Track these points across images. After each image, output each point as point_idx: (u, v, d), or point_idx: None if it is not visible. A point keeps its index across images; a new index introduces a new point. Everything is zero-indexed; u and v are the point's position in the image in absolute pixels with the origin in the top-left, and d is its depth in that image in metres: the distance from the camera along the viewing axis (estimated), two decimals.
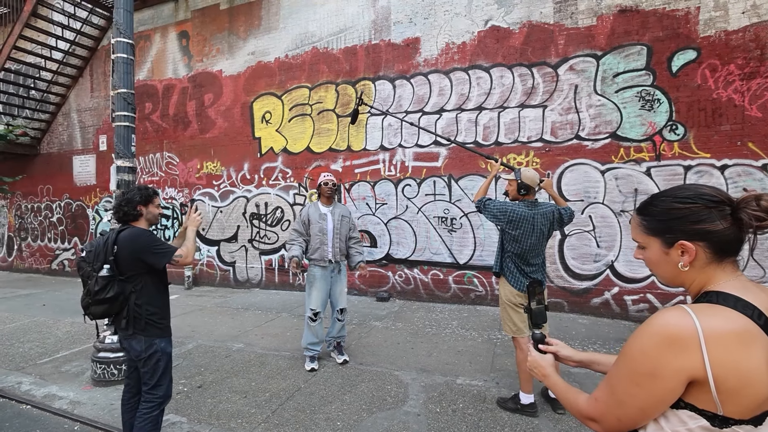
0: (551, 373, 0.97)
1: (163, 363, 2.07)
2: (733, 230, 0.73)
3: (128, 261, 1.97)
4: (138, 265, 1.99)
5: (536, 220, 2.54)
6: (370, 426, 2.46)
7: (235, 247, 6.76)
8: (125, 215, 2.07)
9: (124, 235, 2.00)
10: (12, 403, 2.89)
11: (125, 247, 1.96)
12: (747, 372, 0.64)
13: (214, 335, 4.22)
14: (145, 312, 2.01)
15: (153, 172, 7.43)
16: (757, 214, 0.72)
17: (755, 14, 4.10)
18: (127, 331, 2.00)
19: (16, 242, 9.07)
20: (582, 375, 3.02)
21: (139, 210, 2.09)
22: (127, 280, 1.98)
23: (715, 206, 0.74)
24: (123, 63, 3.24)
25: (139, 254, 1.97)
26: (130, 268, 1.98)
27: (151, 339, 2.03)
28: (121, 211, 2.07)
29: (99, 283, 1.92)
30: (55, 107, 8.35)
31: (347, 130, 5.95)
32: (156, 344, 2.04)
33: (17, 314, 5.26)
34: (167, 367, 2.10)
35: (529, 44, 4.98)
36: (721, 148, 4.23)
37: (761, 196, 0.73)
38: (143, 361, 2.03)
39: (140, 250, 1.97)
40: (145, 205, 2.11)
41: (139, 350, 2.01)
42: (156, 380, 2.05)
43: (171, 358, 2.13)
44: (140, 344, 2.01)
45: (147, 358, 2.02)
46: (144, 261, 1.99)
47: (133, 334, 2.00)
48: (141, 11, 7.30)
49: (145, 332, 2.01)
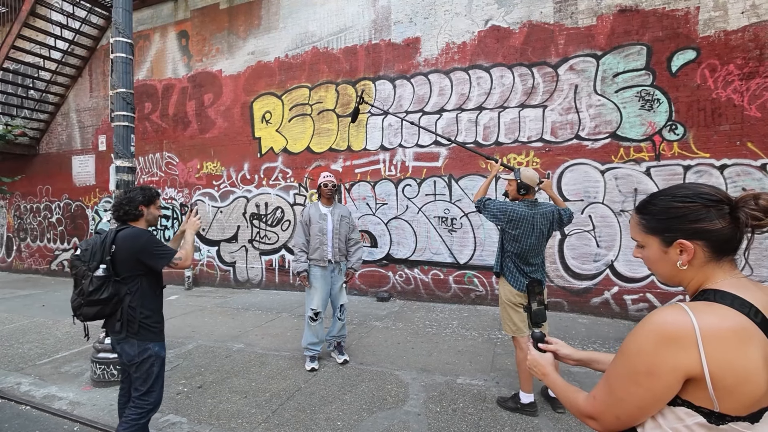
0: (551, 371, 0.97)
1: (157, 368, 2.00)
2: (732, 229, 0.73)
3: (126, 262, 1.92)
4: (136, 266, 1.94)
5: (536, 220, 2.54)
6: (371, 426, 2.46)
7: (235, 248, 6.76)
8: (126, 214, 2.03)
9: (123, 234, 1.95)
10: (11, 404, 2.89)
11: (124, 247, 1.91)
12: (743, 369, 0.64)
13: (215, 335, 4.22)
14: (140, 315, 1.95)
15: (153, 172, 7.42)
16: (755, 213, 0.72)
17: (754, 14, 4.11)
18: (120, 335, 1.94)
19: (15, 243, 9.06)
20: (581, 374, 3.03)
21: (140, 210, 2.05)
22: (122, 281, 1.93)
23: (714, 205, 0.74)
24: (122, 63, 3.24)
25: (139, 255, 1.93)
26: (127, 269, 1.93)
27: (145, 343, 1.96)
28: (122, 209, 2.02)
29: (94, 283, 1.86)
30: (54, 107, 8.34)
31: (347, 130, 5.95)
32: (150, 348, 1.97)
33: (16, 315, 5.26)
34: (160, 373, 2.02)
35: (529, 44, 4.98)
36: (720, 148, 4.24)
37: (759, 195, 0.73)
38: (136, 365, 1.95)
39: (140, 250, 1.93)
40: (147, 205, 2.08)
41: (132, 354, 1.94)
42: (148, 386, 1.97)
43: (164, 363, 2.07)
44: (133, 348, 1.94)
45: (140, 362, 1.95)
46: (143, 262, 1.95)
47: (126, 338, 1.94)
48: (140, 11, 7.30)
49: (138, 336, 1.94)
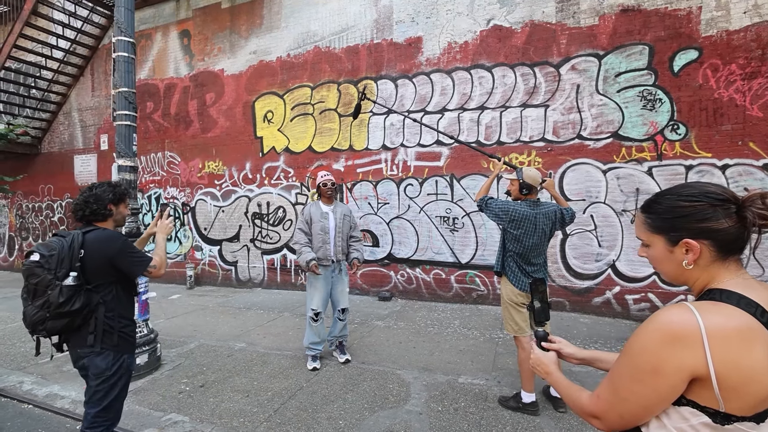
0: (554, 370, 0.97)
1: (124, 380, 1.85)
2: (738, 229, 0.73)
3: (99, 268, 1.73)
4: (109, 273, 1.77)
5: (538, 220, 2.54)
6: (372, 425, 2.47)
7: (237, 247, 6.77)
8: (92, 214, 1.82)
9: (93, 237, 1.75)
10: (14, 403, 2.90)
11: (95, 251, 1.72)
12: (749, 369, 0.64)
13: (216, 335, 4.23)
14: (118, 325, 1.80)
15: (155, 172, 7.44)
16: (762, 212, 0.71)
17: (757, 14, 4.10)
18: (93, 348, 1.74)
19: (17, 242, 9.09)
20: (584, 373, 3.02)
21: (109, 209, 1.85)
22: (94, 289, 1.73)
23: (720, 204, 0.74)
24: (124, 62, 3.25)
25: (113, 260, 1.76)
26: (99, 276, 1.75)
27: (121, 354, 1.81)
28: (89, 208, 1.81)
29: (64, 293, 1.64)
30: (56, 106, 8.36)
31: (349, 130, 5.95)
32: (124, 360, 1.82)
33: (19, 314, 5.22)
34: (126, 386, 1.87)
35: (531, 44, 4.98)
36: (722, 148, 4.23)
37: (766, 194, 0.72)
38: (104, 379, 1.76)
39: (114, 255, 1.76)
40: (117, 204, 1.89)
41: (103, 367, 1.76)
42: (110, 400, 1.78)
43: (131, 375, 1.92)
44: (107, 361, 1.76)
45: (111, 375, 1.77)
46: (117, 268, 1.78)
47: (102, 351, 1.75)
48: (142, 10, 7.31)
49: (117, 347, 1.79)
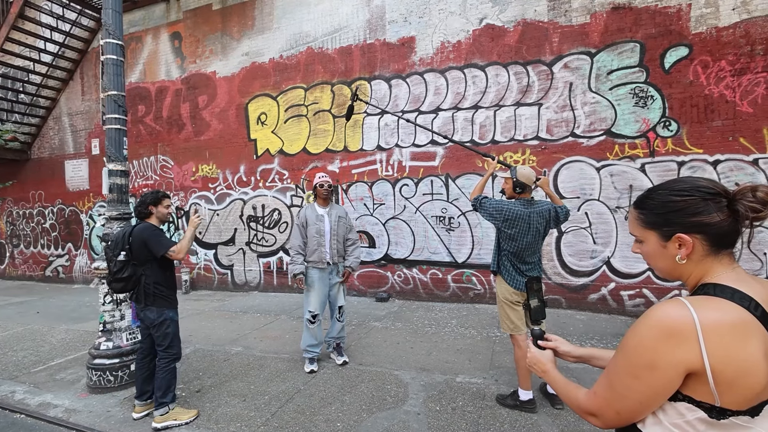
0: (551, 368, 0.97)
1: (172, 329, 2.57)
2: (730, 222, 0.73)
3: (138, 248, 2.50)
4: (145, 252, 2.50)
5: (532, 219, 2.54)
6: (371, 426, 2.46)
7: (232, 250, 6.72)
8: (139, 213, 2.62)
9: (137, 228, 2.55)
10: (6, 413, 2.85)
11: (136, 237, 2.51)
12: (744, 363, 0.64)
13: (213, 339, 4.19)
14: (154, 288, 2.54)
15: (147, 176, 7.36)
16: (753, 205, 0.72)
17: (745, 11, 4.15)
18: (142, 304, 2.54)
19: (9, 249, 8.95)
20: (580, 370, 3.03)
21: (149, 209, 2.60)
22: (138, 264, 2.52)
23: (712, 198, 0.74)
24: (113, 65, 3.20)
25: (146, 242, 2.48)
26: (140, 254, 2.51)
27: (162, 309, 2.54)
28: (138, 209, 2.62)
29: (117, 265, 2.49)
30: (45, 111, 8.25)
31: (344, 131, 5.94)
32: (165, 313, 2.55)
33: (10, 322, 5.19)
34: (176, 332, 2.61)
35: (523, 42, 5.00)
36: (713, 144, 4.28)
37: (757, 188, 0.72)
38: (156, 327, 2.53)
39: (146, 239, 2.49)
40: (155, 205, 2.61)
41: (152, 318, 2.53)
42: (168, 342, 2.55)
43: (178, 324, 2.64)
44: (153, 313, 2.53)
45: (159, 324, 2.53)
46: (149, 248, 2.49)
47: (147, 306, 2.53)
48: (132, 12, 7.24)
49: (156, 304, 2.54)
